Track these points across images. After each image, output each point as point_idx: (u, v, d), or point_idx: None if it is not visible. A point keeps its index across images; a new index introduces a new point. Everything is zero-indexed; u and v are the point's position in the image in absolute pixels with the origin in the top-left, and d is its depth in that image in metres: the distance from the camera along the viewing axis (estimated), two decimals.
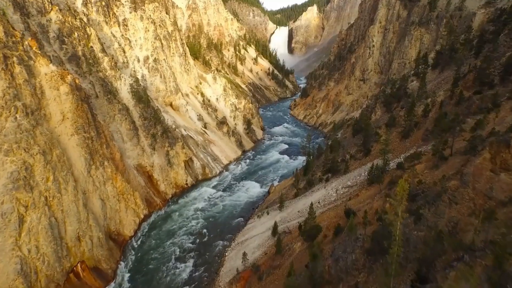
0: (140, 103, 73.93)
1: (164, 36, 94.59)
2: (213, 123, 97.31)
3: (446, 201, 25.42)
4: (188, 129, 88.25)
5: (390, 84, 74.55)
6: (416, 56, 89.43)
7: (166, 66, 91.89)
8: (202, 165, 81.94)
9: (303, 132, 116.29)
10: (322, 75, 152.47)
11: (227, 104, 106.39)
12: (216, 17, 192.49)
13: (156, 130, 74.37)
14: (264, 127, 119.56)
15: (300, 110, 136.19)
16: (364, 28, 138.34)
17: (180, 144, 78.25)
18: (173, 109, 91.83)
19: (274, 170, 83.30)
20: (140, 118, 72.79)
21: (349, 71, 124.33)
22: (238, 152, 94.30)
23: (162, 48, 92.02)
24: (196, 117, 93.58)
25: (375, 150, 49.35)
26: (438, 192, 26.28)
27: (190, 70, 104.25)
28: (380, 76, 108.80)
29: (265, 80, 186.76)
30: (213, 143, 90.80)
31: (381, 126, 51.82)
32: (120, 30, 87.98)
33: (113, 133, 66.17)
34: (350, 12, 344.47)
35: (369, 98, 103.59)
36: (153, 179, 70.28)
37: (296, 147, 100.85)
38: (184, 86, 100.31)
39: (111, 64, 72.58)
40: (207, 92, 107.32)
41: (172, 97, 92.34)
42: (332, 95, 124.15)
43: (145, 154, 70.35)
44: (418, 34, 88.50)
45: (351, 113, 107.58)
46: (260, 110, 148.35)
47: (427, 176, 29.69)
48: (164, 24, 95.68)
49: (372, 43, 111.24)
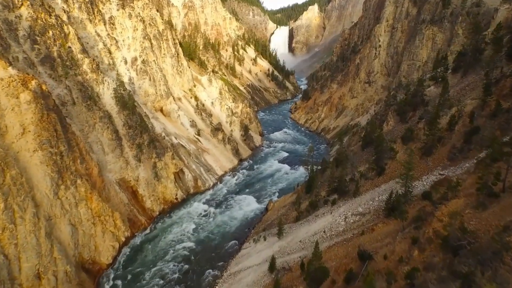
0: (124, 109, 66.75)
1: (154, 36, 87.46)
2: (208, 129, 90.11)
3: (510, 264, 18.14)
4: (179, 137, 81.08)
5: (403, 89, 67.31)
6: (427, 57, 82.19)
7: (156, 68, 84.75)
8: (194, 177, 74.77)
9: (304, 138, 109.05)
10: (324, 77, 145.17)
11: (223, 109, 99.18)
12: (214, 16, 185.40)
13: (143, 139, 67.22)
14: (263, 132, 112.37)
15: (301, 114, 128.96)
16: (368, 27, 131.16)
17: (170, 154, 71.14)
18: (164, 115, 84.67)
19: (273, 182, 76.08)
20: (125, 127, 65.63)
21: (353, 73, 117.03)
22: (234, 161, 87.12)
23: (151, 48, 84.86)
24: (188, 123, 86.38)
25: (390, 169, 42.13)
26: (495, 250, 19.01)
27: (183, 72, 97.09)
28: (387, 79, 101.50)
29: (265, 82, 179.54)
30: (207, 152, 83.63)
31: (396, 139, 44.50)
32: (106, 29, 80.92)
33: (92, 144, 59.06)
34: (352, 11, 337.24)
35: (375, 102, 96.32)
36: (138, 195, 63.12)
37: (297, 156, 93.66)
38: (176, 90, 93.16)
39: (92, 66, 65.39)
40: (202, 95, 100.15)
41: (163, 102, 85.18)
42: (335, 98, 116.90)
43: (129, 167, 63.19)
44: (430, 33, 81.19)
45: (356, 118, 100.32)
46: (259, 113, 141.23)
47: (472, 219, 22.65)
48: (154, 23, 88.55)
49: (378, 43, 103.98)
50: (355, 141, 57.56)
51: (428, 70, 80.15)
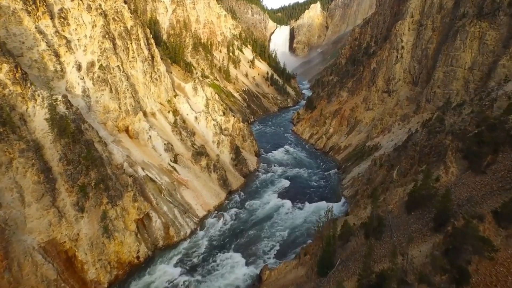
0: (63, 136, 47.74)
1: (119, 34, 68.45)
2: (188, 153, 71.08)
3: None
4: (148, 167, 62.12)
5: (452, 109, 48.41)
6: (472, 62, 63.17)
7: (121, 76, 65.77)
8: (165, 223, 55.87)
9: (309, 159, 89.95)
10: (331, 83, 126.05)
11: (209, 125, 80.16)
12: (207, 13, 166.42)
13: (89, 178, 48.27)
14: (259, 151, 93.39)
15: (305, 127, 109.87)
16: (384, 24, 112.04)
17: (131, 194, 52.30)
18: (130, 137, 65.70)
19: (270, 231, 57.09)
20: (62, 162, 46.63)
21: (367, 80, 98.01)
22: (221, 195, 68.11)
23: (114, 50, 65.90)
24: (162, 147, 67.38)
25: (479, 275, 23.28)
26: None
27: (160, 79, 78.09)
28: (412, 88, 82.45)
29: (263, 87, 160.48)
30: (185, 185, 64.63)
31: (483, 215, 25.43)
32: (55, 24, 62.20)
33: (3, 192, 40.18)
34: (357, 9, 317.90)
35: (399, 118, 77.20)
36: (76, 262, 44.16)
37: (301, 185, 74.74)
38: (150, 102, 74.15)
39: (16, 76, 46.45)
40: (183, 108, 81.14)
41: (129, 120, 66.20)
42: (346, 109, 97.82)
43: (65, 221, 44.22)
44: (476, 31, 62.18)
45: (374, 137, 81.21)
46: (256, 125, 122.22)
47: None
48: (120, 17, 69.53)
49: (400, 43, 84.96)
50: (393, 193, 38.74)
51: (475, 80, 61.13)
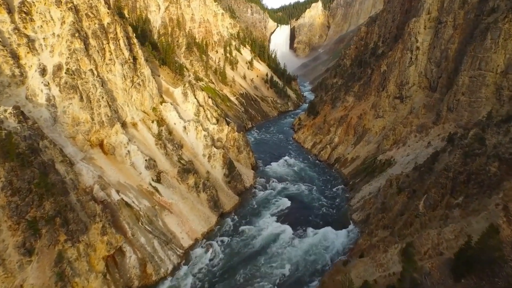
0: (7, 160, 38.41)
1: (94, 33, 59.05)
2: (173, 170, 61.71)
3: None
4: (125, 189, 52.75)
5: (494, 125, 39.10)
6: (506, 65, 53.66)
7: (94, 81, 56.42)
8: (142, 259, 46.51)
9: (313, 173, 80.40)
10: (335, 86, 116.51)
11: (199, 136, 70.76)
12: (203, 11, 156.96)
13: (43, 210, 38.98)
14: (257, 162, 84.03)
15: (307, 135, 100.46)
16: (393, 23, 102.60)
17: (99, 226, 43.10)
18: (104, 153, 56.30)
19: (267, 267, 47.61)
20: (5, 192, 37.28)
21: (377, 84, 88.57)
22: (211, 219, 58.73)
23: (87, 52, 56.55)
24: (143, 164, 58.02)
25: None
26: None
27: (143, 84, 68.73)
28: (430, 94, 72.96)
29: (262, 89, 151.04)
30: (169, 209, 55.26)
31: None
32: (14, 20, 52.86)
33: None
34: (360, 8, 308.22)
35: (416, 129, 67.72)
36: None
37: (303, 204, 65.44)
38: (131, 111, 64.79)
39: None
40: (171, 116, 71.75)
41: (104, 132, 56.83)
42: (353, 116, 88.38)
43: (2, 270, 34.83)
44: (511, 28, 52.75)
45: (387, 150, 71.73)
46: (253, 132, 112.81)
47: None
48: (95, 13, 60.09)
49: (415, 44, 75.49)
50: (424, 236, 29.41)
51: (511, 86, 51.63)
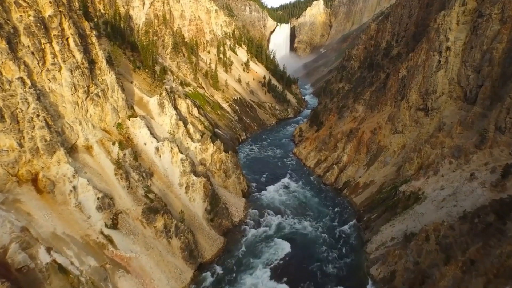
0: None
1: (27, 28, 44.40)
2: (137, 209, 47.22)
3: None
4: (61, 245, 38.22)
5: None
6: None
7: (25, 94, 41.88)
8: None
9: (317, 199, 65.79)
10: (342, 92, 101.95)
11: (175, 159, 56.28)
12: (193, 8, 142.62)
13: None
14: (250, 187, 69.56)
15: (309, 150, 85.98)
16: (410, 19, 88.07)
17: None
18: (39, 191, 41.74)
19: None
20: None
21: (394, 91, 74.03)
22: (185, 275, 44.24)
23: (14, 54, 42.03)
24: (94, 203, 43.52)
25: None
26: None
27: (104, 95, 54.28)
28: (465, 107, 58.40)
29: (259, 94, 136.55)
30: (125, 268, 40.75)
31: None
32: None
33: None
34: (363, 6, 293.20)
35: (451, 154, 53.09)
36: None
37: (305, 249, 51.02)
38: (85, 130, 50.21)
39: None
40: (141, 135, 57.32)
41: (39, 163, 42.29)
42: (364, 130, 73.84)
43: None
44: None
45: (413, 179, 57.11)
46: (247, 145, 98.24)
47: None
48: (30, 3, 45.40)
49: (445, 43, 60.97)
50: None
51: None
